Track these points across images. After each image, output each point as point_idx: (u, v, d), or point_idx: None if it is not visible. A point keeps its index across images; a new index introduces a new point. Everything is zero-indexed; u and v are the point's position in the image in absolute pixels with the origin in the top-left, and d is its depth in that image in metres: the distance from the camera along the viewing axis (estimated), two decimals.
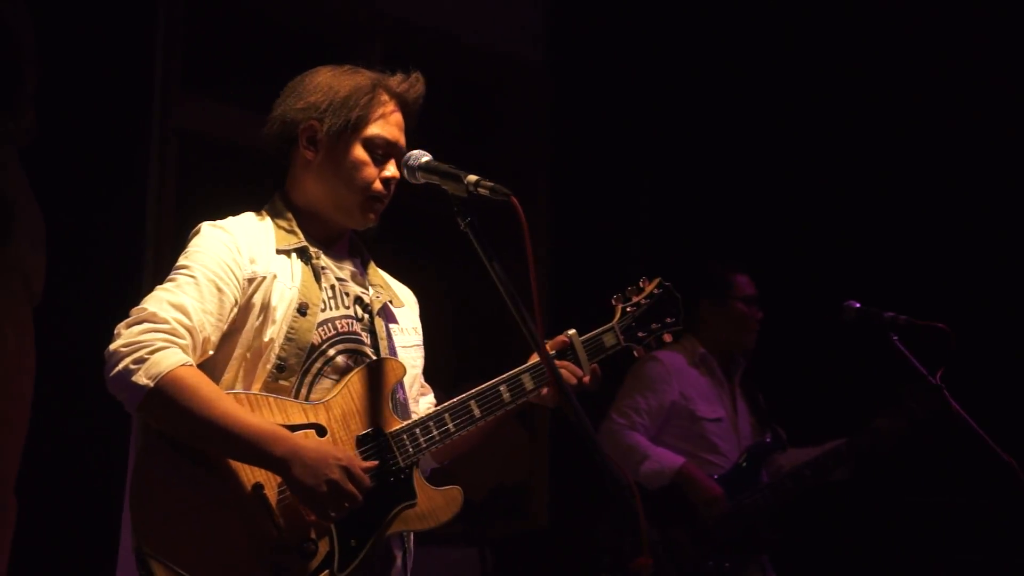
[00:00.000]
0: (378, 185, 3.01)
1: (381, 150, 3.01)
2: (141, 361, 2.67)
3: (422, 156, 2.86)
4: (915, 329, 4.56)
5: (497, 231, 2.70)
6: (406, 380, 3.05)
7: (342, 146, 2.99)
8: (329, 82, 3.03)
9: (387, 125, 3.02)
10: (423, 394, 3.24)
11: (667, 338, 3.29)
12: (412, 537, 3.03)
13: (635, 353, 3.25)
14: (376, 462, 2.84)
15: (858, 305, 4.68)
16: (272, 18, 5.49)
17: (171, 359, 2.68)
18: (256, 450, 2.70)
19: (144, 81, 4.74)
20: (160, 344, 2.70)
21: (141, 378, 2.66)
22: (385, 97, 3.04)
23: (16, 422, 3.74)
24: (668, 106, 6.68)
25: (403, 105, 3.08)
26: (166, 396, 2.67)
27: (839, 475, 5.07)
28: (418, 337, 3.21)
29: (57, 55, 4.04)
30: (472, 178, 2.67)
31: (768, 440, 5.11)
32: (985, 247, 6.06)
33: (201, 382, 2.72)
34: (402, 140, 3.05)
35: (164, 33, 4.86)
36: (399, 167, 3.00)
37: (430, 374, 3.25)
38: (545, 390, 3.03)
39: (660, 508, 4.82)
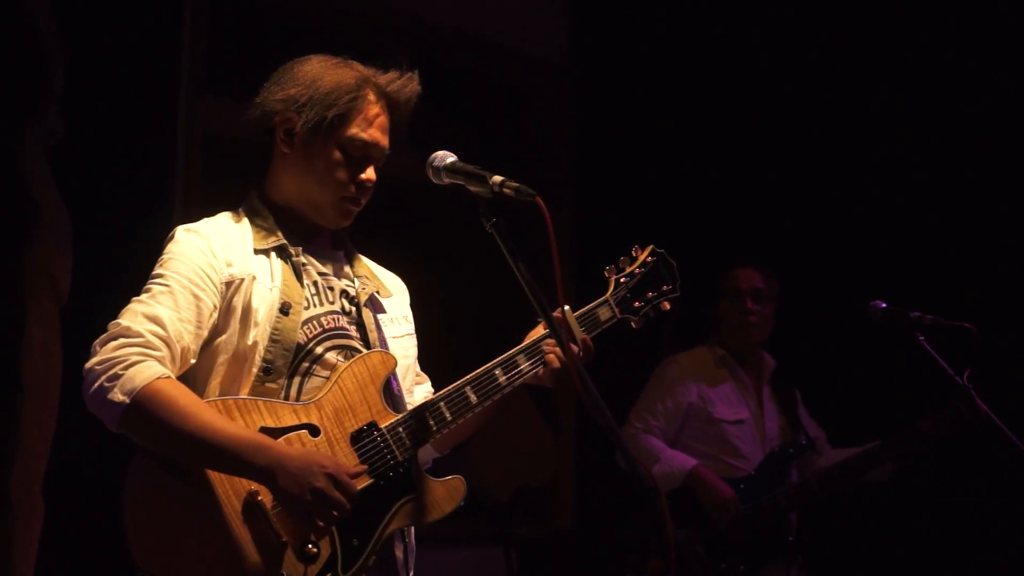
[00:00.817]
0: (352, 189, 2.93)
1: (358, 152, 2.92)
2: (115, 378, 2.62)
3: (447, 157, 2.79)
4: (942, 329, 4.53)
5: (519, 232, 2.69)
6: (399, 371, 2.96)
7: (318, 143, 2.90)
8: (314, 74, 2.94)
9: (368, 127, 2.93)
10: (419, 383, 3.17)
11: (665, 306, 3.19)
12: (412, 532, 2.96)
13: (632, 324, 3.16)
14: (365, 466, 2.78)
15: (884, 305, 4.65)
16: (297, 20, 5.50)
17: (145, 373, 2.63)
18: (237, 461, 2.63)
19: (170, 83, 4.75)
20: (134, 359, 2.64)
21: (116, 395, 2.60)
22: (372, 97, 2.95)
23: (43, 423, 3.76)
24: (693, 107, 6.66)
25: (392, 106, 2.99)
26: (143, 411, 2.61)
27: (876, 477, 5.01)
28: (409, 326, 3.13)
29: (83, 58, 4.06)
30: (497, 179, 2.63)
31: (796, 443, 5.07)
32: (1012, 246, 6.03)
33: (178, 394, 2.65)
34: (383, 142, 2.96)
35: (190, 35, 4.87)
36: (377, 167, 2.96)
37: (444, 372, 3.20)
38: (542, 370, 2.94)
39: (673, 510, 4.79)
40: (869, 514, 6.08)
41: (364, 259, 3.13)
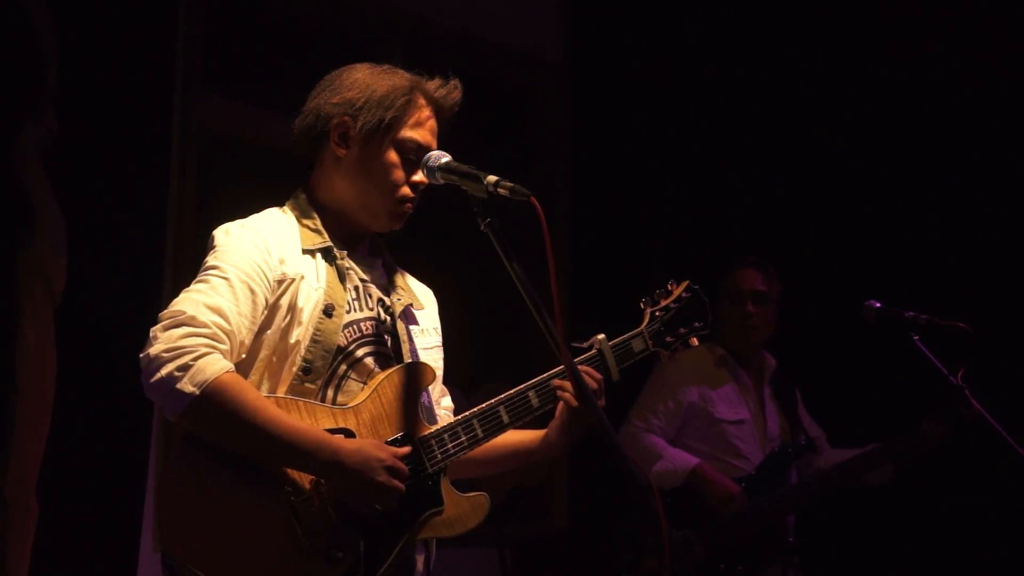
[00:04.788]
0: (406, 189, 2.98)
1: (413, 154, 2.97)
2: (186, 368, 2.63)
3: (442, 157, 2.85)
4: (936, 329, 4.54)
5: (516, 232, 2.69)
6: (434, 382, 3.03)
7: (374, 146, 2.96)
8: (367, 80, 3.00)
9: (421, 129, 3.00)
10: (443, 396, 3.22)
11: (693, 341, 3.27)
12: (434, 541, 3.00)
13: (662, 357, 3.24)
14: (408, 462, 2.82)
15: (879, 305, 4.66)
16: (292, 18, 5.50)
17: (216, 366, 2.65)
18: (302, 456, 2.70)
19: (164, 82, 4.74)
20: (203, 350, 2.66)
21: (187, 385, 2.62)
22: (422, 101, 3.02)
23: (37, 424, 3.75)
24: (689, 106, 6.67)
25: (438, 111, 3.07)
26: (212, 404, 2.64)
27: (876, 479, 5.02)
28: (438, 338, 3.18)
29: (77, 56, 4.05)
30: (492, 179, 2.66)
31: (796, 443, 5.07)
32: (1008, 246, 6.04)
33: (245, 389, 2.70)
34: (434, 145, 3.02)
35: (184, 33, 4.87)
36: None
37: (450, 376, 3.23)
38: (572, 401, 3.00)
39: (672, 509, 4.80)
40: (866, 515, 6.09)
41: (400, 270, 3.18)
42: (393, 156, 2.96)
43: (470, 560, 5.58)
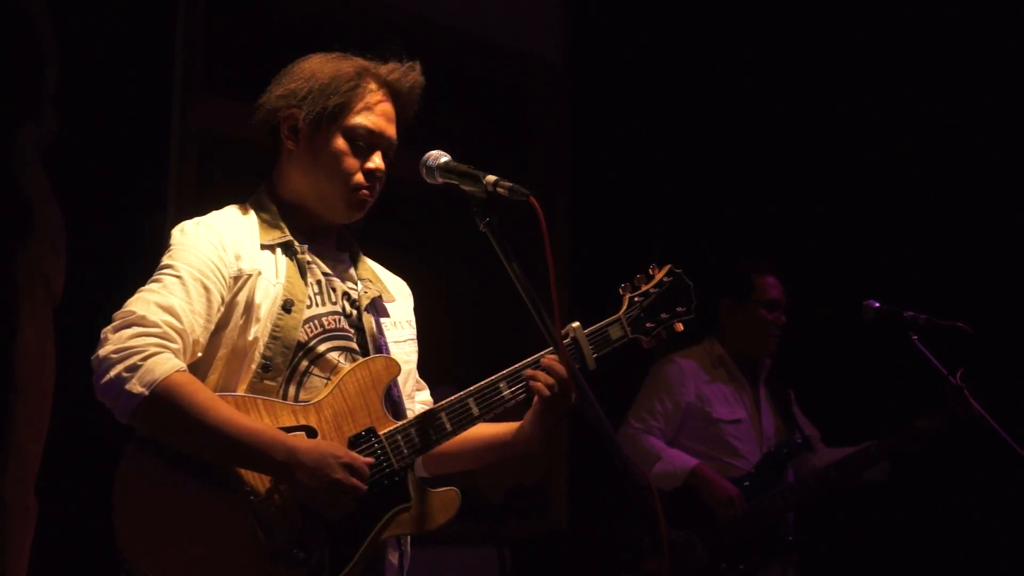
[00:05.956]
0: (359, 177, 2.90)
1: (363, 140, 2.90)
2: (134, 368, 2.58)
3: (441, 156, 2.78)
4: (935, 328, 4.54)
5: (515, 232, 2.68)
6: (400, 376, 2.94)
7: (322, 135, 2.90)
8: (312, 69, 2.94)
9: (371, 114, 2.92)
10: (418, 390, 3.14)
11: (678, 327, 3.10)
12: (409, 538, 2.95)
13: (643, 344, 3.07)
14: (372, 459, 2.75)
15: (878, 304, 4.66)
16: (291, 18, 5.49)
17: (165, 365, 2.59)
18: (255, 456, 2.63)
19: (164, 82, 4.75)
20: (153, 349, 2.61)
21: (135, 386, 2.57)
22: (373, 85, 2.94)
23: (36, 423, 3.75)
24: (690, 107, 6.67)
25: (395, 95, 2.98)
26: (162, 404, 2.58)
27: (873, 476, 5.03)
28: (411, 331, 3.10)
29: (77, 56, 4.05)
30: (491, 178, 2.63)
31: (792, 442, 5.07)
32: (1007, 246, 6.04)
33: (196, 388, 2.63)
34: (389, 131, 2.95)
35: (183, 33, 4.87)
36: (387, 159, 2.94)
37: (435, 372, 3.19)
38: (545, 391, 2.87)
39: (672, 510, 4.79)
40: (866, 514, 6.09)
41: (369, 262, 3.11)
42: (341, 144, 2.89)
43: (469, 559, 5.58)
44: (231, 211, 2.95)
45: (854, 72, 6.42)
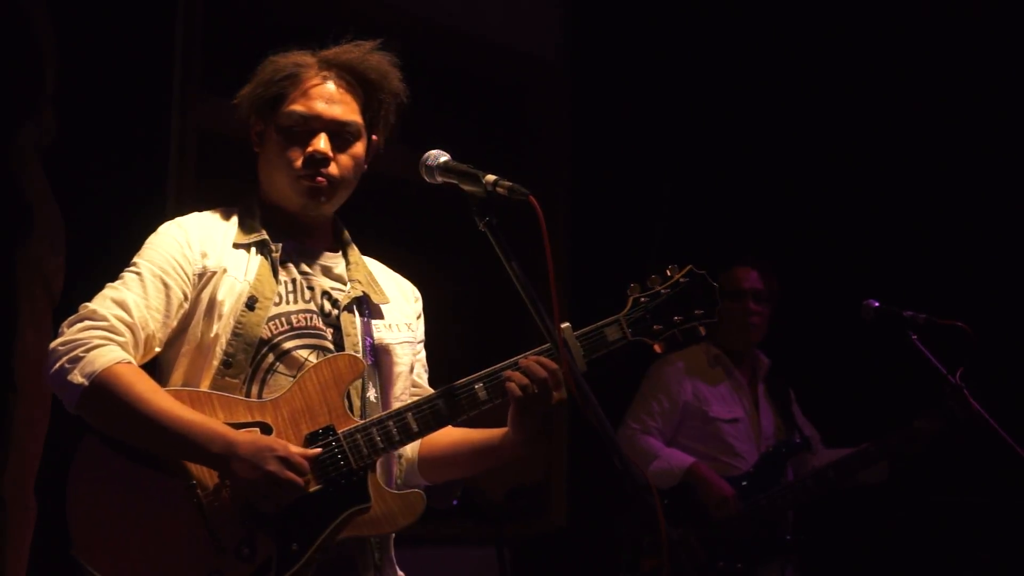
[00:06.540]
0: (298, 163, 2.86)
1: (299, 126, 2.87)
2: (76, 360, 2.61)
3: (440, 156, 2.74)
4: (935, 328, 4.53)
5: (515, 232, 2.68)
6: (392, 378, 2.92)
7: (269, 133, 2.91)
8: (259, 74, 2.95)
9: (307, 99, 2.88)
10: (416, 395, 3.00)
11: (701, 331, 2.95)
12: (388, 557, 2.90)
13: (655, 349, 2.93)
14: (319, 449, 2.70)
15: (877, 304, 4.65)
16: (291, 18, 5.50)
17: (106, 356, 2.62)
18: (192, 447, 2.61)
19: (163, 81, 4.75)
20: (97, 342, 2.64)
21: (76, 376, 2.60)
22: (311, 72, 2.92)
23: (36, 423, 3.76)
24: (688, 106, 6.67)
25: (344, 72, 2.95)
26: (101, 394, 2.60)
27: (873, 477, 5.02)
28: (410, 333, 3.04)
29: (77, 56, 4.06)
30: (490, 178, 2.60)
31: (791, 442, 5.07)
32: (1007, 246, 6.04)
33: (137, 379, 2.64)
34: (330, 112, 2.89)
35: (183, 34, 4.87)
36: (346, 139, 2.91)
37: (434, 372, 3.14)
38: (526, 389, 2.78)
39: (669, 508, 4.79)
40: (865, 513, 6.09)
41: (370, 263, 3.08)
42: (280, 135, 2.89)
43: (469, 560, 5.58)
44: (212, 212, 2.97)
45: (853, 72, 6.42)
